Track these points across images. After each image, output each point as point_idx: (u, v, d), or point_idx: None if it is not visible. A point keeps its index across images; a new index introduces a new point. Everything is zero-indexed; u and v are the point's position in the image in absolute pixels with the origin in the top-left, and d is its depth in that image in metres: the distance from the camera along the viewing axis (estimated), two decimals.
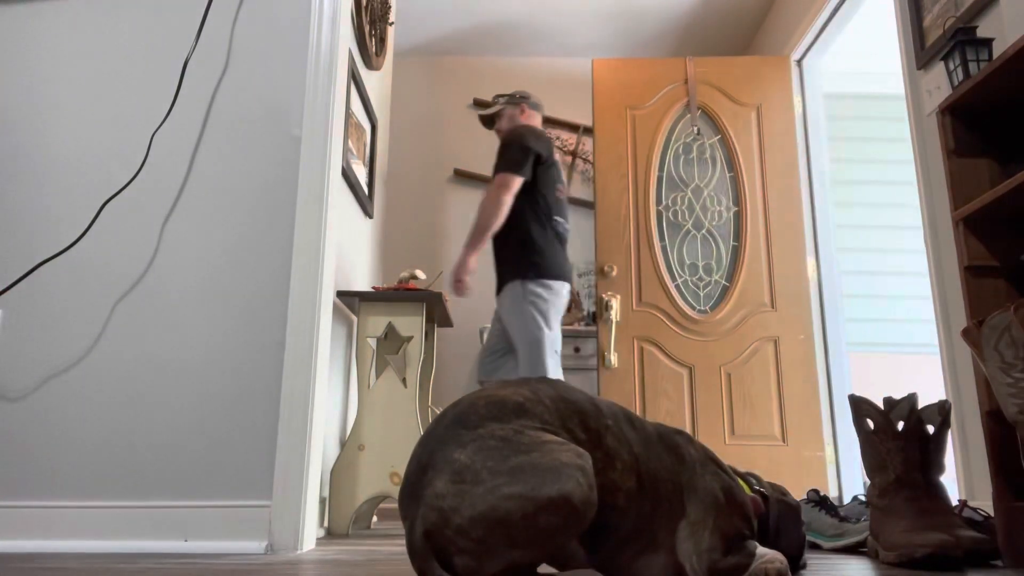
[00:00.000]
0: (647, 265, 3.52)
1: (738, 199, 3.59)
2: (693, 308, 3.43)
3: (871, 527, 1.55)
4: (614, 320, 3.43)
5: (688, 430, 3.25)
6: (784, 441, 3.21)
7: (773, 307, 3.39)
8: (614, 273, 3.51)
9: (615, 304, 3.45)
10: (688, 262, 3.50)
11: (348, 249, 2.53)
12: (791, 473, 3.18)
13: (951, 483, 2.65)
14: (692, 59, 3.77)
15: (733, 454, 3.22)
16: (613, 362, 3.38)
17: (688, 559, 1.00)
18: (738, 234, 3.52)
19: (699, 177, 3.63)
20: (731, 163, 3.63)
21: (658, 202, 3.61)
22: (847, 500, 3.21)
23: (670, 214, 3.59)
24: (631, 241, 3.56)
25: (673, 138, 3.68)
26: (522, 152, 2.67)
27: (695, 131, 3.68)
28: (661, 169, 3.64)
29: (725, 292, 3.44)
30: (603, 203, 3.61)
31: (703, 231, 3.55)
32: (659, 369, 3.36)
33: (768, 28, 4.09)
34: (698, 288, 3.47)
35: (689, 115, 3.71)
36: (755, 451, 3.21)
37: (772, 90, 3.67)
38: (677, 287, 3.46)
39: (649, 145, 3.66)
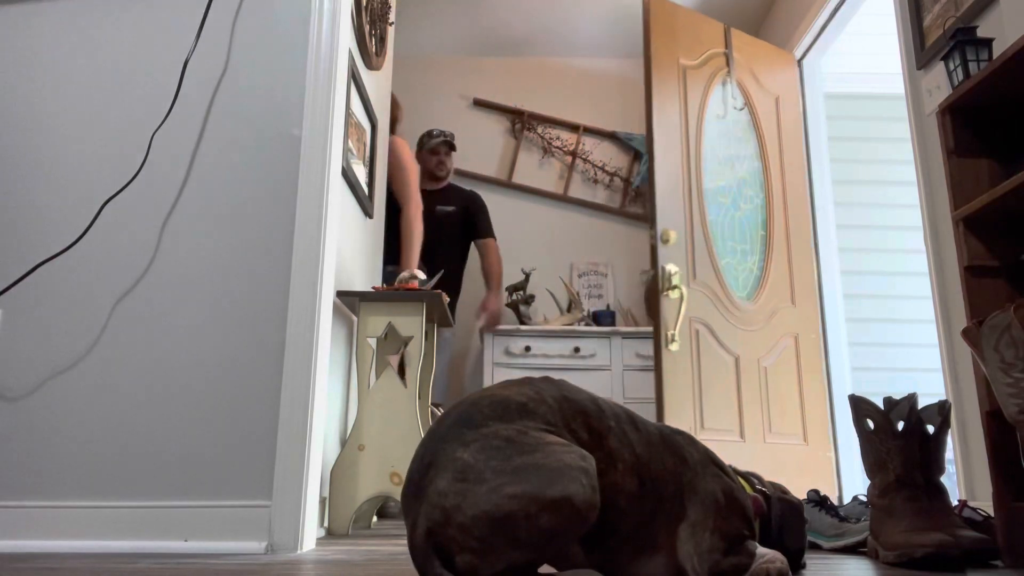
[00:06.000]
0: (700, 238, 3.07)
1: (765, 185, 3.34)
2: (736, 294, 3.13)
3: (871, 527, 1.55)
4: (681, 296, 2.93)
5: (736, 427, 2.96)
6: (805, 441, 3.11)
7: (793, 303, 3.27)
8: (672, 241, 3.00)
9: (677, 278, 2.95)
10: (728, 243, 3.17)
11: (348, 249, 2.53)
12: (810, 474, 3.06)
13: (951, 483, 2.65)
14: (732, 29, 3.44)
15: (769, 456, 2.99)
16: (674, 346, 2.89)
17: (689, 560, 1.00)
18: (766, 222, 3.31)
19: (736, 154, 3.31)
20: (760, 147, 3.39)
21: (706, 170, 3.22)
22: (847, 500, 3.21)
23: (714, 186, 3.21)
24: (684, 207, 3.09)
25: (715, 106, 3.31)
26: None
27: (738, 103, 3.33)
28: (708, 137, 3.26)
29: (759, 281, 3.21)
30: (663, 160, 3.08)
31: (739, 212, 3.24)
32: (712, 356, 3.00)
33: (768, 28, 4.09)
34: (737, 273, 3.16)
35: (730, 85, 3.36)
36: (785, 451, 3.04)
37: (786, 83, 3.59)
38: (723, 268, 3.14)
39: (699, 106, 3.25)
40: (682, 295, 2.93)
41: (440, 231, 3.64)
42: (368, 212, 2.82)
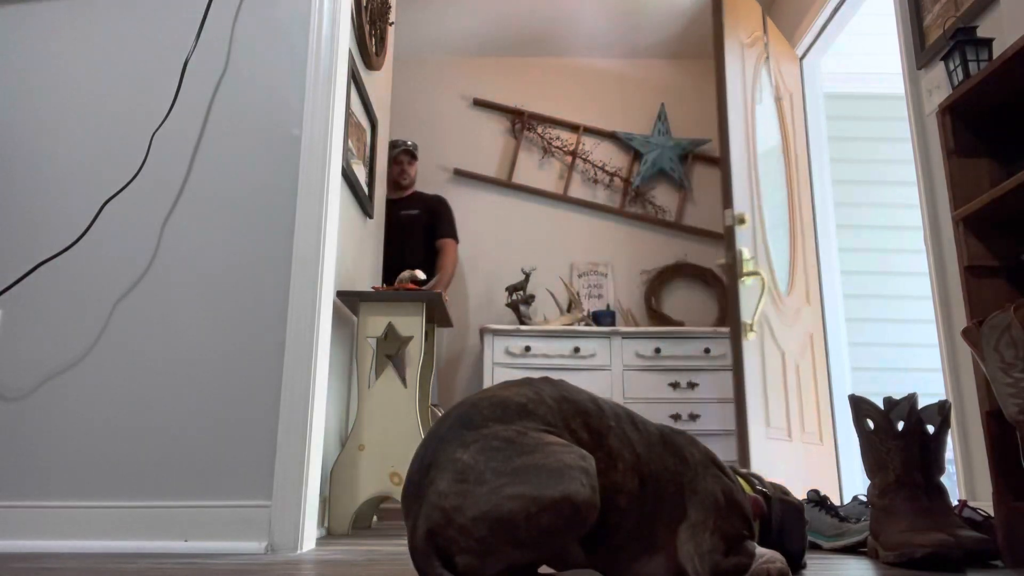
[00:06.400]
0: (758, 225, 2.87)
1: (787, 179, 3.22)
2: (779, 287, 2.98)
3: (871, 527, 1.55)
4: (763, 283, 2.68)
5: (784, 425, 2.80)
6: (821, 441, 3.06)
7: (808, 302, 3.23)
8: (746, 224, 2.76)
9: (752, 264, 2.71)
10: (772, 234, 3.00)
11: (348, 249, 2.53)
12: (821, 474, 3.00)
13: (951, 483, 2.65)
14: (767, 16, 3.26)
15: (803, 456, 2.86)
16: (752, 335, 2.67)
17: (690, 561, 1.00)
18: (789, 218, 3.22)
19: (770, 142, 3.17)
20: (783, 140, 3.28)
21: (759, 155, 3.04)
22: (847, 500, 3.21)
23: (760, 173, 3.00)
24: (749, 190, 2.85)
25: (757, 90, 3.12)
26: None
27: (773, 91, 3.18)
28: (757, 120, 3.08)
29: (790, 276, 3.10)
30: (735, 139, 2.84)
31: (778, 200, 3.08)
32: (771, 350, 2.83)
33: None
34: (778, 266, 3.01)
35: (765, 72, 3.19)
36: (811, 451, 2.95)
37: (795, 80, 3.59)
38: (772, 258, 2.98)
39: (752, 87, 3.07)
40: (763, 282, 2.73)
41: (405, 235, 3.69)
42: (368, 212, 2.82)
